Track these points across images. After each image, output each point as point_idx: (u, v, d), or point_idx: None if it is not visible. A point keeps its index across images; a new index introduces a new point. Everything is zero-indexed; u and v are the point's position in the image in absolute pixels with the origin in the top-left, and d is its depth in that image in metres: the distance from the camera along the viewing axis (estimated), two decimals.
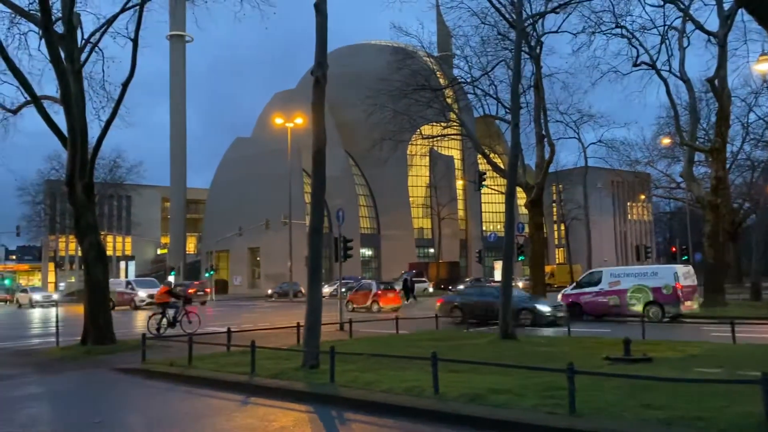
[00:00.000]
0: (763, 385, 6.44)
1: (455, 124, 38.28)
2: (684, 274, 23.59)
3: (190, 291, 43.57)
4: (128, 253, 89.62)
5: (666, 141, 41.64)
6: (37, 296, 52.57)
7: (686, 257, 42.96)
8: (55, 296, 54.74)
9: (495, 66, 34.54)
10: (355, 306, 34.21)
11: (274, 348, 13.68)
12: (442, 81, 40.22)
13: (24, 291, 56.12)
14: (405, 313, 27.70)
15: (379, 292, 33.97)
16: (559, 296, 26.19)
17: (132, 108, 24.17)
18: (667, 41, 30.83)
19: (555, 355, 12.27)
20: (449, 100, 38.02)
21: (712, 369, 10.25)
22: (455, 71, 41.83)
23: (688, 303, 23.13)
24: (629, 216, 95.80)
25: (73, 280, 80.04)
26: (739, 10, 25.66)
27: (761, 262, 34.88)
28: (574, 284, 26.60)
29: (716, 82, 28.50)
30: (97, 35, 19.38)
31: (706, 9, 30.07)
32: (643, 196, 70.99)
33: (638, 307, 23.14)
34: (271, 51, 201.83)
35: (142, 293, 41.99)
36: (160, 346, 16.75)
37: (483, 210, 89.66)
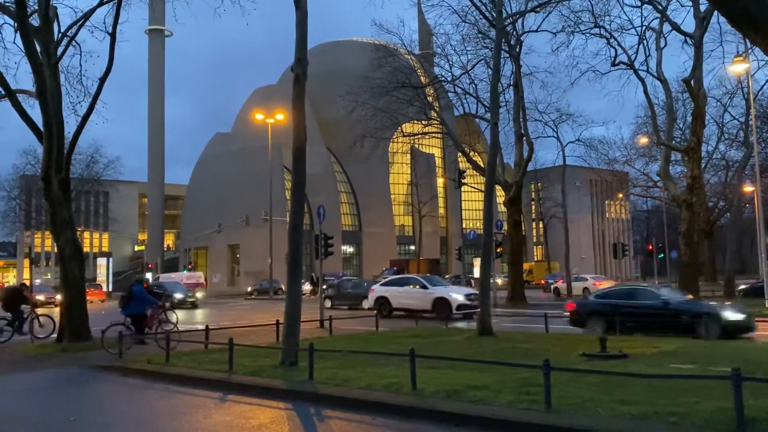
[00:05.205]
0: (733, 381, 6.58)
1: (436, 122, 38.36)
2: (189, 277, 40.62)
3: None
4: (105, 249, 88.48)
5: (643, 140, 42.12)
6: None
7: (662, 255, 43.54)
8: None
9: (475, 65, 34.77)
10: None
11: (252, 345, 13.57)
12: (423, 79, 40.28)
13: None
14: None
15: None
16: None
17: (112, 102, 23.63)
18: (644, 41, 31.28)
19: (532, 352, 12.35)
20: (430, 99, 38.09)
21: (685, 365, 10.42)
22: (436, 69, 41.99)
23: (199, 294, 41.24)
24: (607, 214, 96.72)
25: (48, 277, 78.87)
26: (715, 12, 26.07)
27: (735, 260, 35.50)
28: None
29: (692, 82, 28.92)
30: (74, 29, 19.11)
31: (683, 10, 30.54)
32: (621, 195, 71.81)
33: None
34: (262, 44, 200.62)
35: None
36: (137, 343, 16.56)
37: (463, 207, 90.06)
